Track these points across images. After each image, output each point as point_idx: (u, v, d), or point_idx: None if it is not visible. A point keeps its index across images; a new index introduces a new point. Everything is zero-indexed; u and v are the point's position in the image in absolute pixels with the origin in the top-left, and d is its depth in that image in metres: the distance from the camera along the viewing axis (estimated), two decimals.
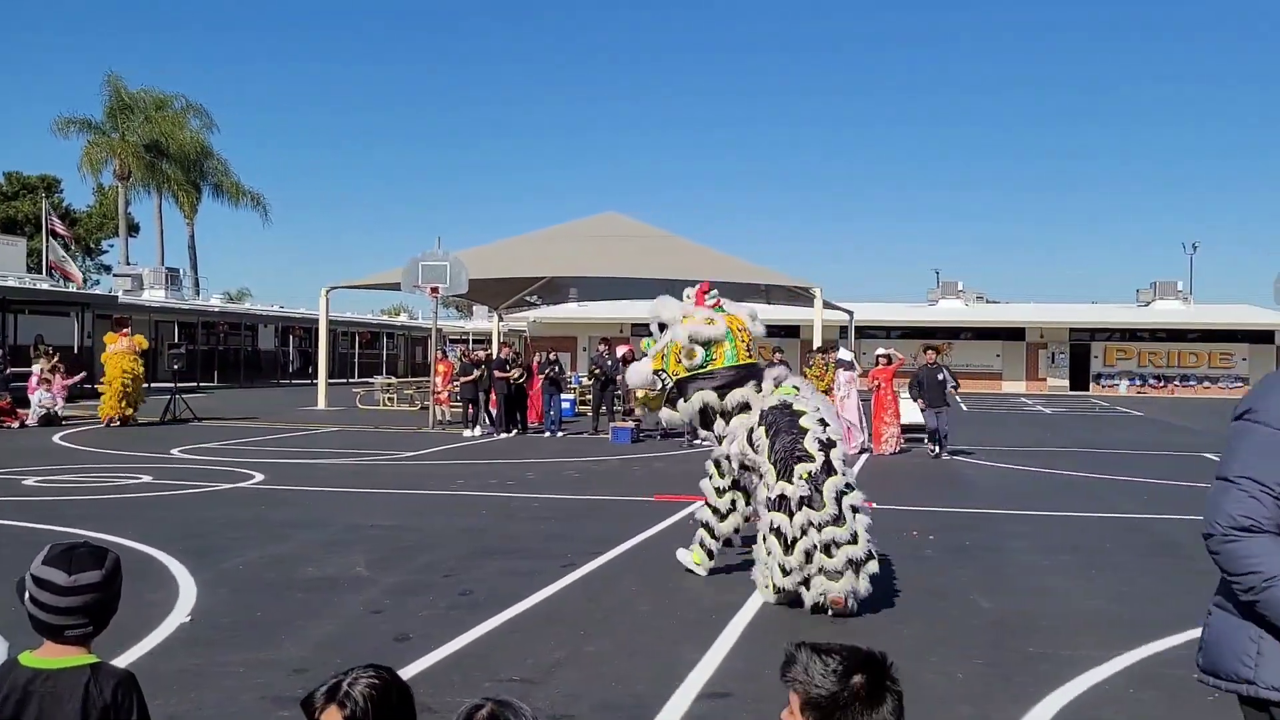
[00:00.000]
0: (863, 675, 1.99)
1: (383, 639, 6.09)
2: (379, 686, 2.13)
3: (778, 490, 6.88)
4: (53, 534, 8.88)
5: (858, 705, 1.97)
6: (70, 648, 2.49)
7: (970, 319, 51.94)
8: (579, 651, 5.91)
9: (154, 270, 42.93)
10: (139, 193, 47.54)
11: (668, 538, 9.55)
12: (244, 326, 45.38)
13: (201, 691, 5.12)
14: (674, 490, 12.46)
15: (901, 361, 19.26)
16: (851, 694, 1.97)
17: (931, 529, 10.04)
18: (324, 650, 5.84)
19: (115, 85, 44.91)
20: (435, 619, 6.55)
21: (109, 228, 55.75)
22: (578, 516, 10.85)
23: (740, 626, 6.47)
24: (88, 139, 44.65)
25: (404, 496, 12.00)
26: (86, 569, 2.46)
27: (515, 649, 5.94)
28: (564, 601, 7.13)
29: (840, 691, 1.97)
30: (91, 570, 2.47)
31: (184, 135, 45.79)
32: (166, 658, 5.66)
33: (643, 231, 26.75)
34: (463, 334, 53.02)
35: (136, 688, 2.51)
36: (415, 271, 21.74)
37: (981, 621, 6.73)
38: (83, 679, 2.45)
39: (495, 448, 18.53)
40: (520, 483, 13.41)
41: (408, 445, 18.37)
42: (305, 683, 5.26)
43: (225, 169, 48.31)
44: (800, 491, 6.79)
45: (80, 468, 14.30)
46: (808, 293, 24.93)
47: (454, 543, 9.12)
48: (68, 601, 2.44)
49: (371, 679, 2.14)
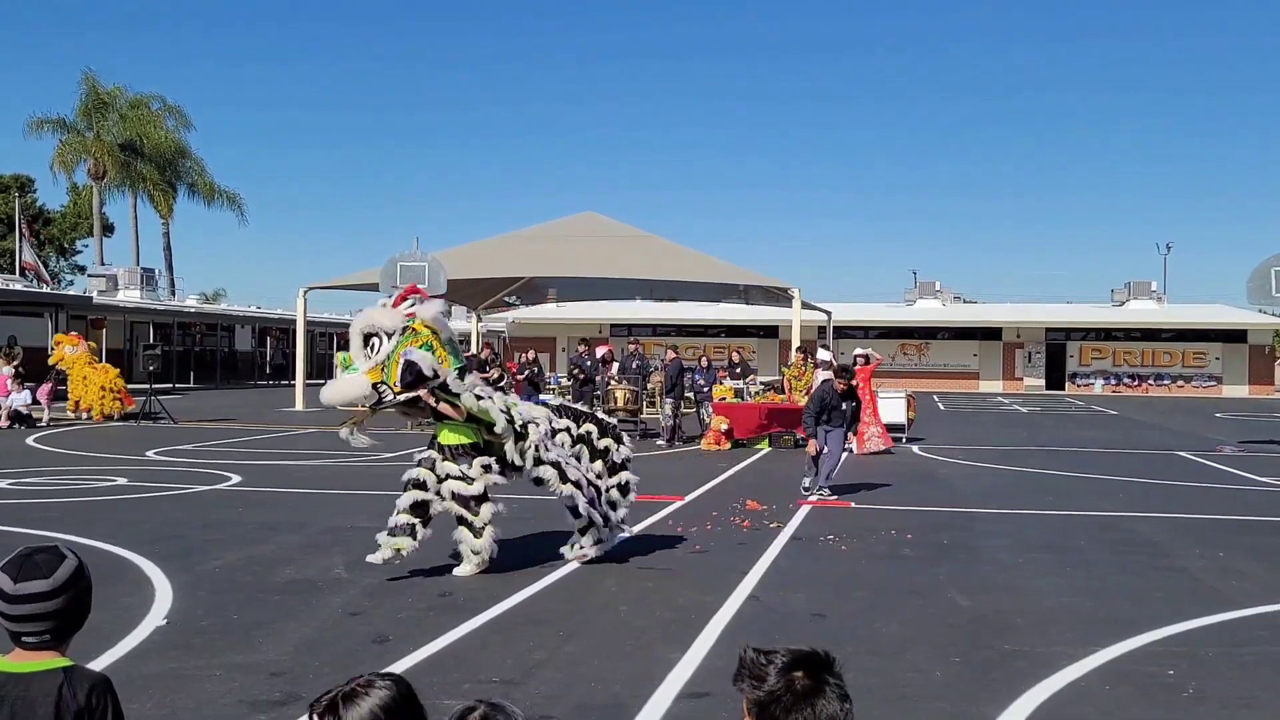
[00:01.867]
0: (802, 671, 1.97)
1: (362, 641, 6.06)
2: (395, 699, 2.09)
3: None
4: (25, 537, 8.79)
5: (793, 700, 1.94)
6: (41, 652, 2.45)
7: (948, 319, 52.25)
8: (558, 652, 5.91)
9: (129, 270, 42.57)
10: (114, 193, 47.16)
11: (647, 537, 9.56)
12: (220, 327, 45.09)
13: (179, 695, 5.09)
14: (652, 490, 12.46)
15: (879, 361, 19.32)
16: (787, 689, 1.95)
17: (909, 528, 10.09)
18: (303, 652, 5.81)
19: (91, 83, 44.53)
20: (414, 620, 6.53)
21: (83, 228, 55.31)
22: (557, 517, 10.80)
23: (719, 626, 6.48)
24: (61, 138, 44.23)
25: (383, 498, 11.88)
26: (34, 577, 2.39)
27: (495, 650, 5.93)
28: (543, 602, 7.12)
29: (778, 688, 1.96)
30: (39, 579, 2.39)
31: (159, 135, 45.45)
32: (143, 661, 5.62)
33: (622, 231, 26.74)
34: None
35: (111, 691, 2.48)
36: (394, 272, 21.68)
37: (959, 619, 6.77)
38: (56, 683, 2.41)
39: None
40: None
41: (387, 446, 18.27)
42: (284, 685, 5.25)
43: (201, 169, 47.99)
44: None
45: (54, 470, 14.17)
46: (786, 293, 25.00)
47: (431, 544, 9.07)
48: (15, 609, 2.39)
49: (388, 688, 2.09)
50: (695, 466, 15.49)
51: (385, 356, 7.35)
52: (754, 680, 1.99)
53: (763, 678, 1.97)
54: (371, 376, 7.34)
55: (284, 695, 5.10)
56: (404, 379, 7.32)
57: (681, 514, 10.94)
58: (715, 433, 18.64)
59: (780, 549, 9.07)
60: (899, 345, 50.69)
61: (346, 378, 7.51)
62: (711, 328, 50.20)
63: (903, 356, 50.47)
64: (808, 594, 7.46)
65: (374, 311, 7.59)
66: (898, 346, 50.51)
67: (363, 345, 7.46)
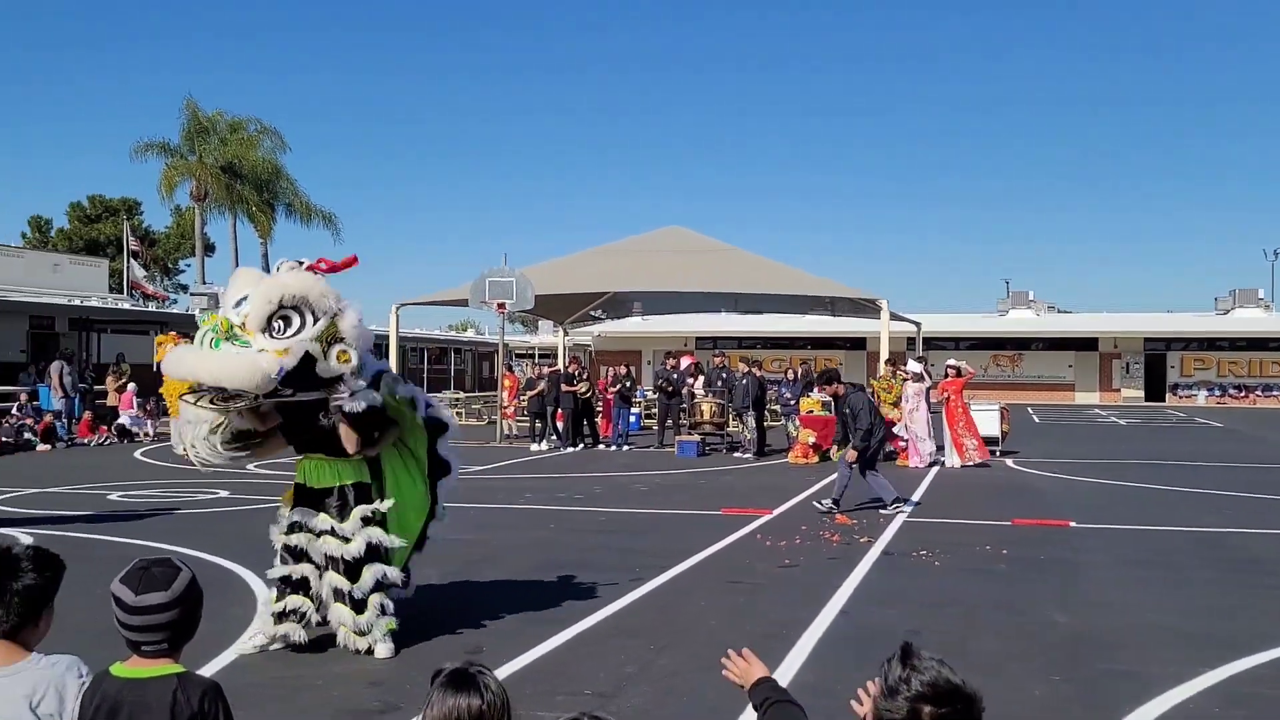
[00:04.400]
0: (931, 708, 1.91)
1: (456, 651, 6.14)
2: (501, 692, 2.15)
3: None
4: (138, 549, 9.13)
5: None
6: (157, 660, 2.56)
7: (1042, 329, 51.02)
8: (651, 666, 5.92)
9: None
10: (215, 214, 48.73)
11: (736, 551, 9.53)
12: None
13: (282, 704, 5.23)
14: (741, 504, 12.42)
15: (971, 374, 18.92)
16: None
17: (1004, 543, 9.88)
18: (398, 664, 5.92)
19: (192, 109, 46.11)
20: (507, 632, 6.60)
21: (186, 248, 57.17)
22: (645, 530, 10.87)
23: (810, 642, 6.43)
24: (166, 162, 45.89)
25: (473, 510, 12.10)
26: (154, 589, 2.51)
27: (587, 662, 5.96)
28: (634, 615, 7.15)
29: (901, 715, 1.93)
30: (158, 591, 2.51)
31: (256, 156, 46.84)
32: (247, 670, 5.78)
33: (706, 245, 26.71)
34: (528, 349, 53.44)
35: (222, 696, 2.58)
36: (482, 288, 21.98)
37: (1058, 637, 6.61)
38: (170, 688, 2.52)
39: (562, 462, 18.63)
40: (588, 496, 13.46)
41: (476, 459, 18.54)
42: (382, 694, 5.36)
43: (296, 189, 49.30)
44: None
45: (160, 483, 14.68)
46: (873, 304, 24.69)
47: (523, 556, 9.20)
48: (136, 620, 2.50)
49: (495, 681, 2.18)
50: (782, 480, 15.38)
51: (309, 340, 5.54)
52: (887, 690, 1.97)
53: (895, 691, 1.95)
54: (281, 357, 5.44)
55: (383, 705, 5.21)
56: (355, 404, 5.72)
57: (770, 528, 10.87)
58: (802, 446, 18.49)
59: (871, 564, 8.95)
60: (991, 356, 49.66)
61: (237, 352, 5.41)
62: (797, 340, 49.82)
63: (995, 368, 49.43)
64: (900, 610, 7.36)
65: (306, 279, 5.68)
66: (990, 358, 49.49)
67: (269, 318, 5.54)
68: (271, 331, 5.49)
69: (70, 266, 37.81)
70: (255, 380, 5.37)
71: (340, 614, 6.00)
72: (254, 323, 5.49)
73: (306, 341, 5.51)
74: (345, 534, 5.96)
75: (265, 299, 5.52)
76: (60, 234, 56.41)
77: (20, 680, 2.57)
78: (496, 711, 2.15)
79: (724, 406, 20.82)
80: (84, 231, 55.93)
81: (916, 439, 17.55)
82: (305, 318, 5.55)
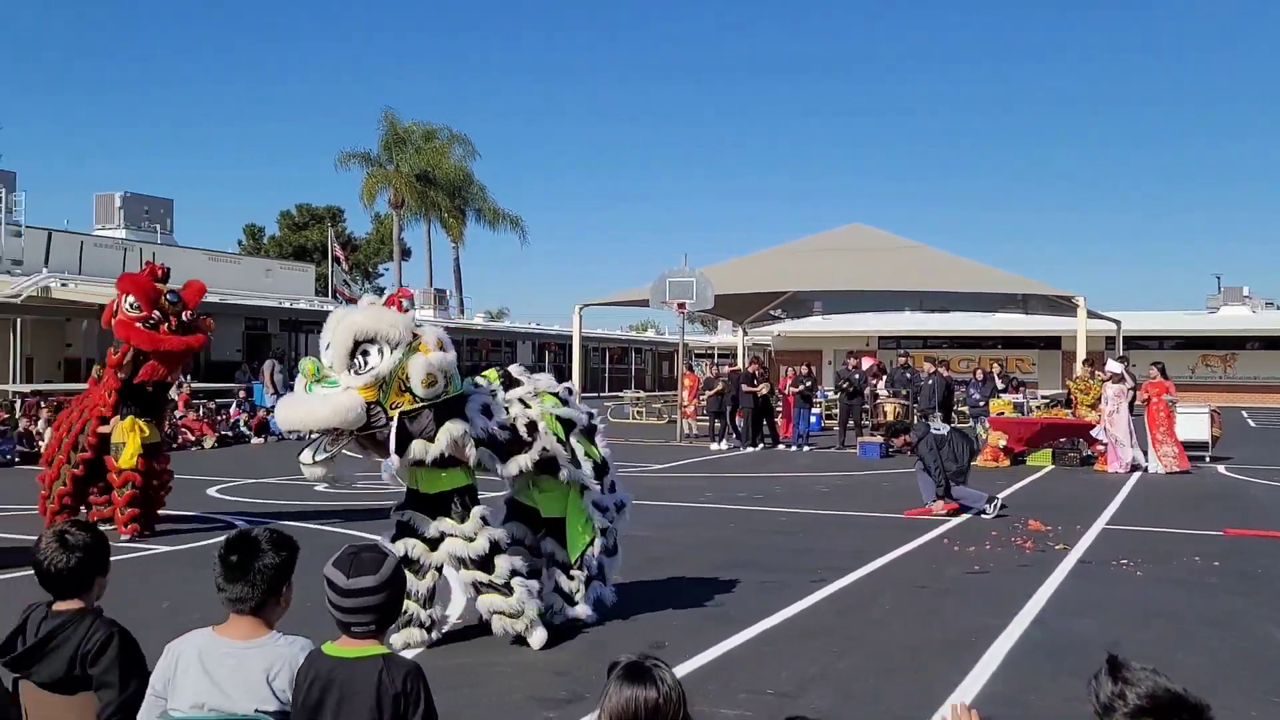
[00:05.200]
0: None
1: (639, 645, 6.22)
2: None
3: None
4: (345, 537, 9.68)
5: None
6: (364, 640, 2.73)
7: (1258, 327, 47.43)
8: (832, 668, 5.86)
9: (424, 291, 45.91)
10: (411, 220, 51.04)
11: (922, 555, 9.31)
12: (504, 343, 47.78)
13: (472, 689, 5.44)
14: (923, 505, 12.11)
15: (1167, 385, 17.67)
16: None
17: (1214, 554, 9.27)
18: (584, 654, 6.07)
19: (390, 120, 48.48)
20: (688, 629, 6.66)
21: (384, 253, 60.11)
22: (827, 531, 10.74)
23: (1002, 651, 6.20)
24: (366, 171, 48.41)
25: (653, 508, 12.25)
26: (364, 573, 2.70)
27: (768, 662, 5.95)
28: (815, 617, 7.08)
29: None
30: (368, 575, 2.70)
31: (449, 164, 48.79)
32: (438, 655, 6.03)
33: (889, 243, 26.15)
34: (708, 348, 53.61)
35: (423, 678, 2.73)
36: (663, 288, 22.20)
37: (1275, 654, 6.16)
38: (376, 668, 2.68)
39: (742, 461, 18.62)
40: (768, 496, 13.41)
41: (656, 458, 18.76)
42: (569, 685, 5.50)
43: (484, 194, 51.08)
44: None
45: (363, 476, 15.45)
46: (1069, 302, 23.59)
47: (703, 555, 9.25)
48: (348, 602, 2.69)
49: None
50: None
51: (386, 372, 5.73)
52: (1101, 709, 1.88)
53: (1110, 709, 1.85)
54: (366, 395, 5.70)
55: (569, 694, 5.35)
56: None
57: (958, 532, 10.56)
58: (992, 449, 17.86)
59: (1067, 572, 8.57)
60: (1200, 357, 46.59)
61: (324, 394, 5.70)
62: (986, 339, 48.08)
63: (1205, 369, 46.35)
64: (1098, 621, 7.01)
65: (375, 313, 5.86)
66: (1199, 358, 46.44)
67: (350, 354, 5.76)
68: (354, 369, 5.73)
69: (280, 271, 40.37)
70: (343, 418, 5.63)
71: (491, 602, 6.14)
72: (337, 363, 5.76)
73: (384, 373, 5.72)
74: (468, 534, 6.12)
75: (343, 337, 5.76)
76: (272, 241, 60.30)
77: (261, 654, 2.79)
78: (673, 705, 2.18)
79: (908, 407, 20.34)
80: (293, 238, 59.58)
81: (1116, 443, 16.66)
82: (383, 350, 5.74)
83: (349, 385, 5.69)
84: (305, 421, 5.71)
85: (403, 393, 5.80)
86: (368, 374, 5.70)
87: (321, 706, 2.67)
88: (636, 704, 2.12)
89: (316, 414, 5.65)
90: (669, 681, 2.18)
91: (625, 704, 2.12)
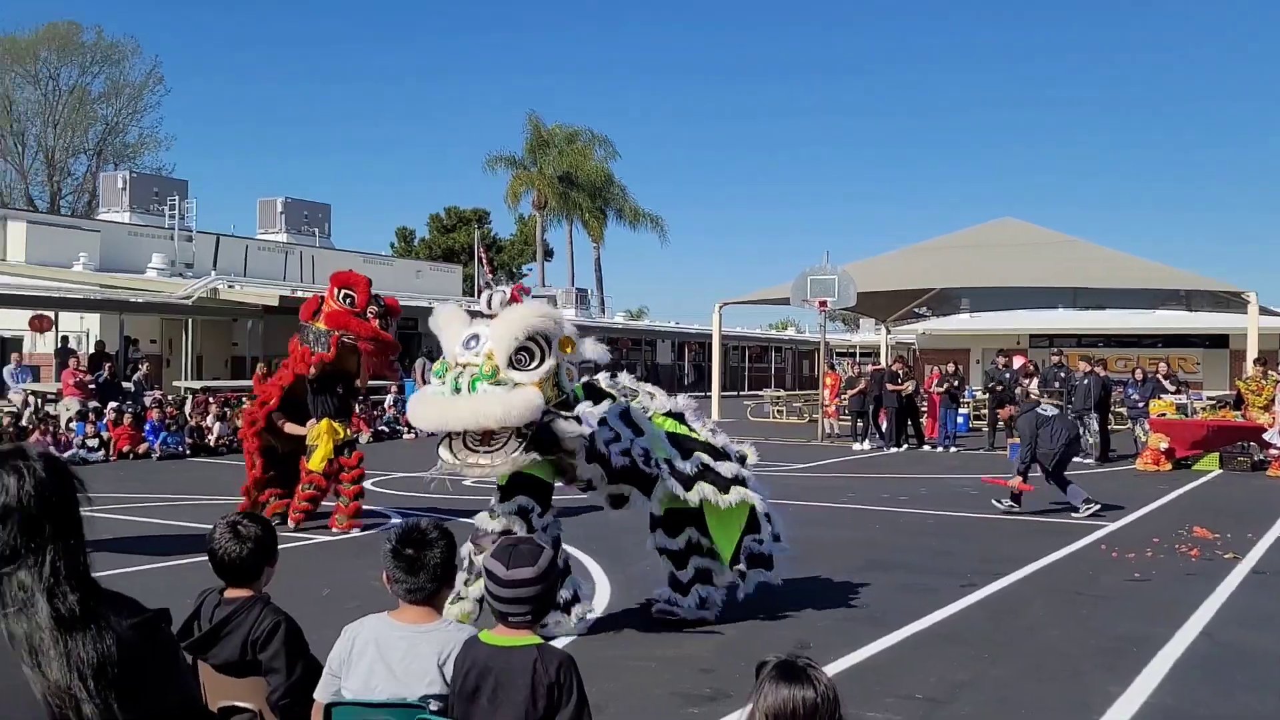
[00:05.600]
0: None
1: (782, 644, 6.18)
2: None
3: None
4: None
5: None
6: (520, 630, 2.81)
7: None
8: (984, 674, 5.70)
9: (566, 291, 46.68)
10: (553, 221, 51.97)
11: (1077, 561, 8.96)
12: (644, 342, 48.14)
13: (617, 682, 5.50)
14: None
15: None
16: None
17: None
18: (725, 652, 6.07)
19: (535, 123, 49.48)
20: (833, 630, 6.59)
21: (528, 254, 61.30)
22: (976, 534, 10.45)
23: (1167, 662, 5.91)
24: (511, 173, 49.52)
25: (796, 508, 12.13)
26: (522, 565, 2.78)
27: (915, 666, 5.83)
28: (965, 622, 6.90)
29: None
30: (526, 567, 2.77)
31: (590, 165, 49.48)
32: (583, 647, 6.12)
33: (1041, 237, 25.26)
34: (849, 347, 52.81)
35: (576, 668, 2.78)
36: (804, 286, 21.98)
37: None
38: (531, 658, 2.75)
39: (885, 461, 18.28)
40: (913, 498, 13.12)
41: (797, 457, 18.59)
42: (713, 682, 5.51)
43: (625, 194, 51.59)
44: None
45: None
46: (1239, 297, 22.34)
47: (847, 555, 9.12)
48: (506, 593, 2.77)
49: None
50: (1131, 488, 14.25)
51: (549, 371, 5.70)
52: None
53: None
54: (539, 389, 5.61)
55: (713, 692, 5.36)
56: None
57: (1116, 538, 10.12)
58: (1153, 451, 17.05)
59: (1239, 583, 8.11)
60: None
61: (502, 394, 5.50)
62: (1146, 337, 45.89)
63: None
64: (1273, 634, 6.61)
65: (533, 310, 5.79)
66: None
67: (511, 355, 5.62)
68: (515, 365, 5.60)
69: (430, 272, 41.72)
70: (531, 414, 5.52)
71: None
72: (501, 359, 5.57)
73: (551, 369, 5.68)
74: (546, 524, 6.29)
75: (512, 334, 5.59)
76: (422, 243, 62.19)
77: (433, 639, 2.91)
78: (829, 705, 2.17)
79: (1062, 408, 19.59)
80: (441, 240, 61.31)
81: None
82: (544, 348, 5.67)
83: (521, 381, 5.54)
84: (503, 415, 5.48)
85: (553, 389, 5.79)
86: (537, 371, 5.60)
87: (478, 693, 2.75)
88: (794, 703, 2.11)
89: (508, 408, 5.46)
90: (825, 682, 2.17)
91: (783, 703, 2.11)
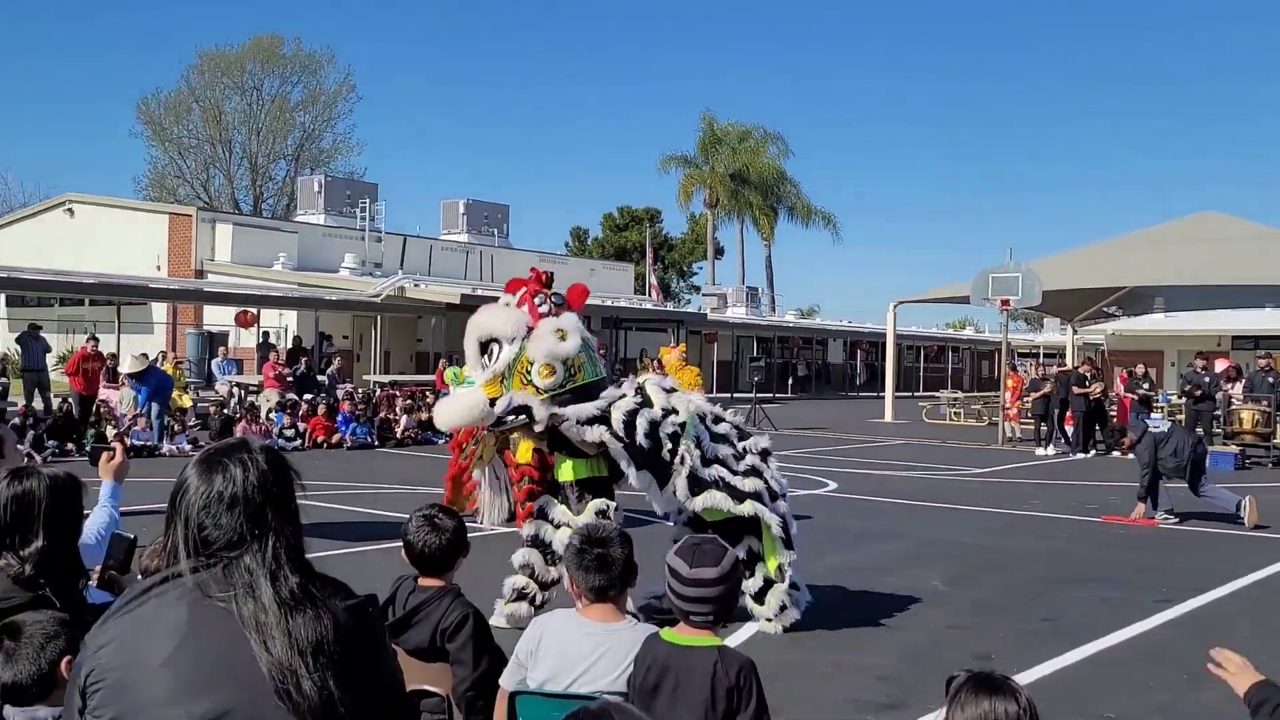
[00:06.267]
0: None
1: (964, 655, 6.02)
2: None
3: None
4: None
5: None
6: (701, 630, 2.81)
7: None
8: (1184, 697, 5.38)
9: (736, 289, 46.59)
10: (724, 219, 51.99)
11: None
12: (815, 341, 47.55)
13: (794, 686, 5.45)
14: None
15: None
16: None
17: None
18: (907, 660, 5.93)
19: (709, 121, 49.63)
20: (1017, 642, 6.35)
21: (699, 252, 61.52)
22: (1175, 547, 9.87)
23: None
24: (684, 172, 49.81)
25: (975, 514, 11.77)
26: (705, 564, 2.78)
27: (1105, 684, 5.57)
28: (1161, 640, 6.54)
29: None
30: (709, 566, 2.77)
31: (762, 163, 49.25)
32: (761, 649, 6.09)
33: (1245, 231, 23.62)
34: (1032, 347, 50.72)
35: (756, 673, 2.77)
36: (985, 284, 21.27)
37: None
38: (711, 659, 2.75)
39: (1071, 468, 17.48)
40: (1104, 506, 12.48)
41: (976, 461, 18.00)
42: (892, 690, 5.40)
43: (797, 192, 51.10)
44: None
45: None
46: None
47: (1032, 565, 8.78)
48: (690, 591, 2.77)
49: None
50: None
51: (505, 366, 5.93)
52: None
53: None
54: (489, 391, 5.89)
55: (891, 699, 5.25)
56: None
57: None
58: None
59: None
60: None
61: (459, 394, 6.32)
62: None
63: None
64: None
65: (491, 312, 6.18)
66: None
67: (480, 354, 6.05)
68: (484, 364, 6.00)
69: (603, 271, 42.41)
70: (468, 414, 6.00)
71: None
72: (470, 362, 6.14)
73: (501, 369, 5.90)
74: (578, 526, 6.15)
75: (470, 340, 6.08)
76: (595, 242, 63.28)
77: (623, 637, 2.96)
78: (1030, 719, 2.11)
79: (1270, 415, 18.31)
80: (614, 239, 62.23)
81: None
82: (501, 346, 5.95)
83: (476, 383, 6.01)
84: (448, 419, 6.25)
85: (526, 385, 5.92)
86: (488, 371, 5.96)
87: (658, 691, 2.77)
88: (995, 715, 2.06)
89: (452, 412, 6.13)
90: (1025, 696, 2.10)
91: (983, 715, 2.07)
